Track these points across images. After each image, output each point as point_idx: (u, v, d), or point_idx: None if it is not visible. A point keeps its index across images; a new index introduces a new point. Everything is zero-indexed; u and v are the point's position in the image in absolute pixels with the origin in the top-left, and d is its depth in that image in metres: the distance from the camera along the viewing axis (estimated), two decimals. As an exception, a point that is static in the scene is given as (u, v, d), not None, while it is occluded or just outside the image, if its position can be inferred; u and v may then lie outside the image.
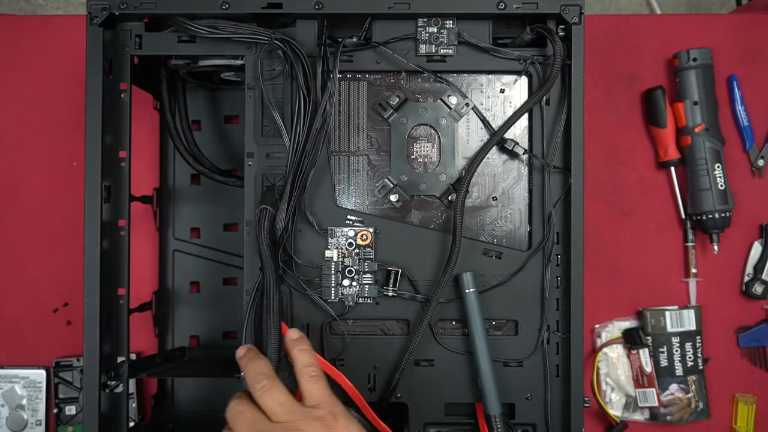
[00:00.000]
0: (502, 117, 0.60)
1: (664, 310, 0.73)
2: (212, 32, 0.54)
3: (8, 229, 0.74)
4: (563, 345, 0.57)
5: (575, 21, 0.55)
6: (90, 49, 0.55)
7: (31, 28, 0.74)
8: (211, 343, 0.70)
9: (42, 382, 0.72)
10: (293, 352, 0.50)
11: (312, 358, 0.49)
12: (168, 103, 0.65)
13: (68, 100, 0.74)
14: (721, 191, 0.71)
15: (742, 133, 0.74)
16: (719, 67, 0.73)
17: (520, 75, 0.59)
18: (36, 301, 0.73)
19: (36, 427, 0.72)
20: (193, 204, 0.71)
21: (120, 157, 0.58)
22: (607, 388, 0.74)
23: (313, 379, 0.48)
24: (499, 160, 0.60)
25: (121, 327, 0.58)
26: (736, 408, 0.74)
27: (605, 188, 0.75)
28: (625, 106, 0.75)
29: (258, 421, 0.45)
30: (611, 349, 0.74)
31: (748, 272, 0.74)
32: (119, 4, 0.55)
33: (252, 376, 0.47)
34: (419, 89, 0.59)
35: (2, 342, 0.73)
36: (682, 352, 0.73)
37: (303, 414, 0.45)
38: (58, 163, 0.74)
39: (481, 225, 0.60)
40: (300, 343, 0.50)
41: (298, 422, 0.45)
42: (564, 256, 0.57)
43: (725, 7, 1.48)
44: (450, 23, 0.57)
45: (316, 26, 0.56)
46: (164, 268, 0.71)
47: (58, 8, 1.52)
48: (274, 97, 0.56)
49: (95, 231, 0.55)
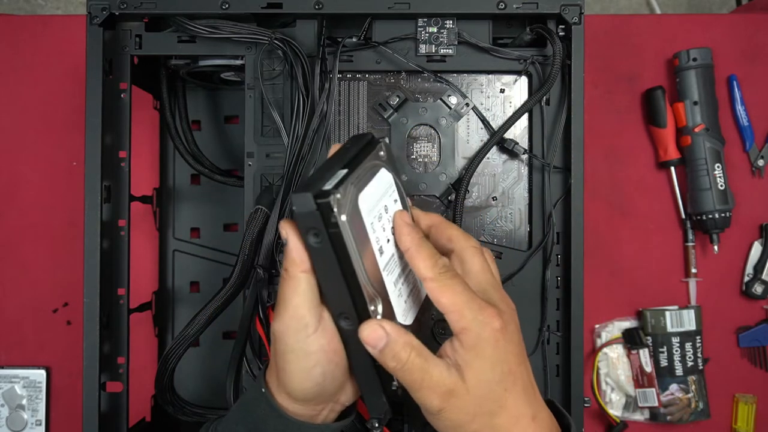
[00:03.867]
0: (502, 117, 0.60)
1: (664, 310, 0.73)
2: (212, 32, 0.54)
3: (8, 229, 0.74)
4: (563, 345, 0.57)
5: (575, 21, 0.55)
6: (90, 49, 0.55)
7: (31, 28, 0.74)
8: (211, 343, 0.70)
9: (42, 382, 0.72)
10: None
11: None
12: (168, 103, 0.65)
13: (68, 100, 0.74)
14: (721, 191, 0.71)
15: (742, 133, 0.74)
16: (719, 67, 0.73)
17: (520, 75, 0.59)
18: (36, 301, 0.73)
19: (36, 427, 0.72)
20: (193, 204, 0.71)
21: (120, 157, 0.58)
22: (607, 388, 0.74)
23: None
24: (499, 160, 0.60)
25: (121, 327, 0.58)
26: (736, 408, 0.74)
27: (605, 188, 0.75)
28: (625, 106, 0.75)
29: None
30: (611, 349, 0.74)
31: (748, 272, 0.74)
32: (119, 4, 0.55)
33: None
34: (419, 89, 0.59)
35: (2, 342, 0.73)
36: (682, 352, 0.73)
37: None
38: (58, 163, 0.74)
39: (481, 225, 0.60)
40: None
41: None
42: (564, 256, 0.57)
43: (725, 7, 1.48)
44: (450, 23, 0.57)
45: (316, 26, 0.56)
46: (164, 268, 0.71)
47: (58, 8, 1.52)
48: (273, 97, 0.56)
49: (95, 231, 0.55)
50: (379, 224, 0.39)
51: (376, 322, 0.37)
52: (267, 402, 0.42)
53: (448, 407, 0.38)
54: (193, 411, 0.59)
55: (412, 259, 0.39)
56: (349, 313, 0.38)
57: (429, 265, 0.39)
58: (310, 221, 0.35)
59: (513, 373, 0.39)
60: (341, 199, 0.35)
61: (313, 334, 0.38)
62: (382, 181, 0.40)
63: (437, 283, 0.38)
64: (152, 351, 0.71)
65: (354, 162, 0.38)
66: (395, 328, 0.38)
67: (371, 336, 0.37)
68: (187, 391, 0.70)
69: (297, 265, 0.38)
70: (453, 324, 0.38)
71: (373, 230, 0.38)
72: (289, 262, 0.38)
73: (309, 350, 0.39)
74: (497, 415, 0.39)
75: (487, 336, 0.38)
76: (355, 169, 0.37)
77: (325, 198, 0.34)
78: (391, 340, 0.37)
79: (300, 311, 0.38)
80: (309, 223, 0.35)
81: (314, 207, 0.34)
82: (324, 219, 0.35)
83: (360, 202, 0.37)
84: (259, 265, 0.54)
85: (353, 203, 0.36)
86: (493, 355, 0.38)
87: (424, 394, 0.38)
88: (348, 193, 0.36)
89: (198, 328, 0.54)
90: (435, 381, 0.38)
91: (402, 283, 0.41)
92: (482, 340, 0.38)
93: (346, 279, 0.37)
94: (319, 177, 0.36)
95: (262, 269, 0.54)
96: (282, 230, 0.38)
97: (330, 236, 0.35)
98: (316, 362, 0.39)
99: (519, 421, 0.39)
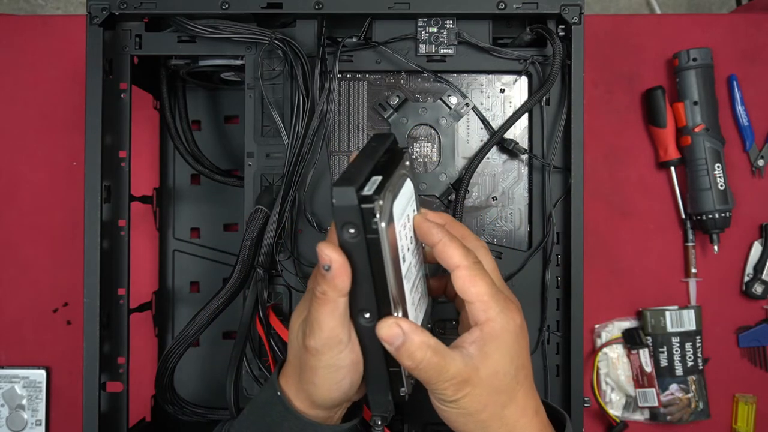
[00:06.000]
0: (502, 117, 0.60)
1: (664, 310, 0.73)
2: (212, 32, 0.54)
3: (8, 229, 0.74)
4: (563, 345, 0.57)
5: (575, 21, 0.55)
6: (90, 49, 0.55)
7: (31, 28, 0.74)
8: (211, 343, 0.70)
9: (42, 382, 0.72)
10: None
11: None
12: (168, 103, 0.65)
13: (68, 100, 0.74)
14: (721, 191, 0.71)
15: (742, 133, 0.74)
16: (719, 67, 0.73)
17: (520, 75, 0.59)
18: (36, 301, 0.73)
19: (36, 427, 0.72)
20: (193, 204, 0.71)
21: (120, 157, 0.58)
22: (607, 388, 0.74)
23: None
24: (499, 160, 0.60)
25: (121, 327, 0.58)
26: (736, 408, 0.74)
27: (605, 188, 0.75)
28: (625, 106, 0.75)
29: None
30: (611, 349, 0.74)
31: (748, 272, 0.74)
32: (119, 4, 0.55)
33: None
34: (419, 89, 0.59)
35: (2, 342, 0.73)
36: (682, 352, 0.73)
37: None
38: (58, 163, 0.74)
39: (481, 225, 0.60)
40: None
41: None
42: (564, 256, 0.57)
43: (725, 7, 1.48)
44: (450, 23, 0.57)
45: (316, 26, 0.56)
46: (164, 268, 0.71)
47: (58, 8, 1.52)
48: (273, 97, 0.56)
49: (95, 231, 0.55)
50: (404, 232, 0.40)
51: (393, 320, 0.38)
52: (283, 405, 0.42)
53: (462, 397, 0.39)
54: (193, 411, 0.59)
55: (444, 249, 0.39)
56: (371, 310, 0.38)
57: (462, 255, 0.39)
58: (350, 216, 0.35)
59: (525, 368, 0.41)
60: (383, 205, 0.35)
61: (344, 350, 0.39)
62: (407, 190, 0.41)
63: (469, 272, 0.39)
64: (152, 351, 0.71)
65: (386, 169, 0.39)
66: (412, 327, 0.38)
67: (388, 333, 0.37)
68: (187, 391, 0.69)
69: (338, 291, 0.37)
70: (477, 314, 0.39)
71: (400, 238, 0.39)
72: (331, 288, 0.37)
73: (341, 365, 0.39)
74: (507, 406, 0.40)
75: (511, 329, 0.39)
76: (390, 177, 0.38)
77: (369, 203, 0.35)
78: (407, 339, 0.37)
79: (336, 331, 0.38)
80: (348, 217, 0.35)
81: (356, 202, 0.35)
82: (365, 221, 0.35)
83: (394, 209, 0.37)
84: (259, 265, 0.54)
85: (389, 211, 0.37)
86: (513, 349, 0.40)
87: (440, 387, 0.39)
88: (387, 200, 0.36)
89: (198, 328, 0.54)
90: (451, 375, 0.38)
91: (414, 292, 0.42)
92: (506, 332, 0.39)
93: (374, 279, 0.37)
94: (355, 174, 0.36)
95: (262, 269, 0.54)
96: (325, 256, 0.36)
97: (367, 240, 0.36)
98: (345, 375, 0.40)
99: (525, 414, 0.41)
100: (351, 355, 0.39)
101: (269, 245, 0.54)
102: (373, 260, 0.37)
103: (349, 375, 0.40)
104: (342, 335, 0.39)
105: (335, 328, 0.38)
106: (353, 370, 0.40)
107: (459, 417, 0.40)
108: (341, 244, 0.37)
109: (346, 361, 0.39)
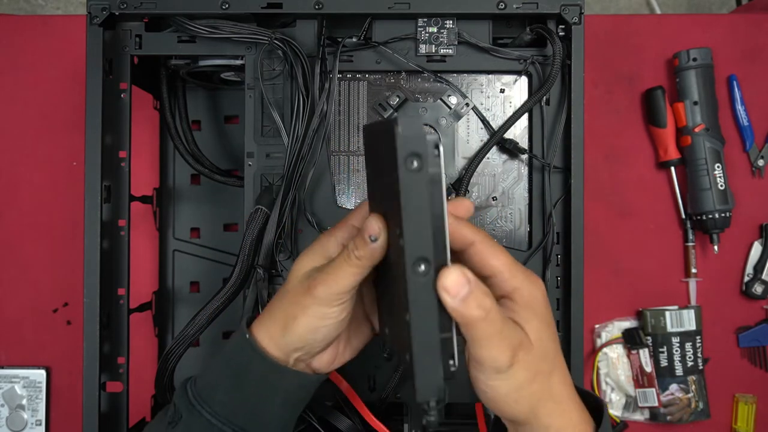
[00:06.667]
0: (502, 117, 0.60)
1: (664, 310, 0.73)
2: (212, 32, 0.54)
3: (8, 229, 0.74)
4: (563, 345, 0.57)
5: (575, 21, 0.55)
6: (90, 49, 0.55)
7: (31, 28, 0.74)
8: (211, 343, 0.70)
9: (42, 382, 0.72)
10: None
11: None
12: (168, 103, 0.65)
13: (68, 100, 0.74)
14: (721, 191, 0.71)
15: (742, 133, 0.74)
16: (719, 67, 0.73)
17: (520, 75, 0.59)
18: (36, 301, 0.73)
19: (36, 427, 0.72)
20: (193, 204, 0.71)
21: (120, 157, 0.58)
22: (607, 388, 0.74)
23: None
24: (499, 160, 0.60)
25: (121, 327, 0.58)
26: (736, 408, 0.74)
27: (605, 188, 0.75)
28: (625, 106, 0.75)
29: None
30: (611, 349, 0.74)
31: (748, 272, 0.74)
32: (119, 4, 0.55)
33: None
34: (419, 89, 0.59)
35: (2, 342, 0.73)
36: (682, 352, 0.73)
37: None
38: (58, 163, 0.74)
39: (481, 225, 0.60)
40: None
41: None
42: (564, 256, 0.57)
43: (725, 7, 1.48)
44: (450, 23, 0.57)
45: (316, 26, 0.56)
46: (164, 268, 0.71)
47: (58, 8, 1.52)
48: (273, 97, 0.56)
49: (95, 231, 0.55)
50: None
51: (459, 268, 0.35)
52: (251, 347, 0.43)
53: (517, 362, 0.37)
54: (193, 411, 0.59)
55: (457, 228, 0.39)
56: (428, 259, 0.35)
57: (474, 230, 0.39)
58: (416, 146, 0.34)
59: (557, 336, 0.41)
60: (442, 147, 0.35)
61: (340, 306, 0.41)
62: None
63: (488, 245, 0.39)
64: (152, 351, 0.71)
65: None
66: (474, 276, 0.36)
67: (456, 281, 0.35)
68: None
69: (373, 260, 0.39)
70: (503, 284, 0.39)
71: None
72: (368, 256, 0.38)
73: (329, 316, 0.41)
74: (552, 374, 0.40)
75: (539, 295, 0.39)
76: None
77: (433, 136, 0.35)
78: (475, 287, 0.36)
79: (346, 290, 0.40)
80: (414, 147, 0.34)
81: (423, 132, 0.34)
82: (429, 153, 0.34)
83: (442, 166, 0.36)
84: (259, 265, 0.54)
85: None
86: (546, 314, 0.40)
87: (500, 348, 0.37)
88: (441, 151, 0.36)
89: (198, 328, 0.54)
90: (509, 333, 0.37)
91: None
92: (535, 298, 0.39)
93: (434, 221, 0.35)
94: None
95: (262, 269, 0.54)
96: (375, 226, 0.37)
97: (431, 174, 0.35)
98: (325, 324, 0.42)
99: (568, 384, 0.40)
100: (342, 313, 0.41)
101: (269, 245, 0.54)
102: (434, 199, 0.35)
103: (329, 327, 0.42)
104: (349, 296, 0.41)
105: (348, 287, 0.40)
106: (333, 326, 0.42)
107: (511, 392, 0.38)
108: (402, 180, 0.34)
109: (334, 315, 0.41)
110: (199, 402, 0.44)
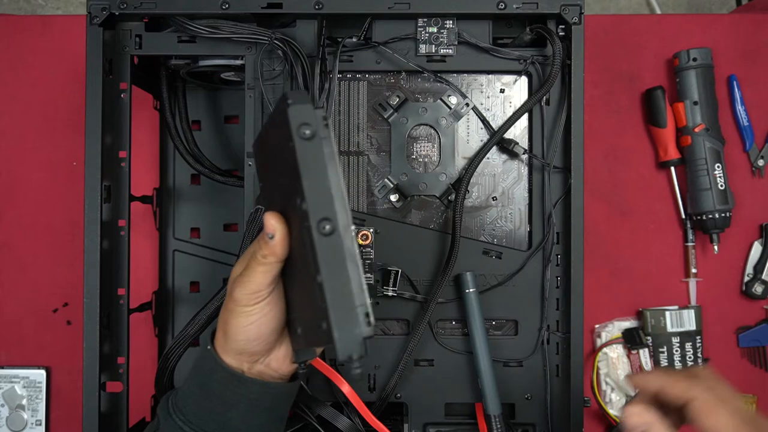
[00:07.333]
0: (502, 117, 0.60)
1: (664, 310, 0.73)
2: (212, 32, 0.54)
3: (8, 229, 0.74)
4: (563, 345, 0.57)
5: (575, 21, 0.55)
6: (90, 49, 0.55)
7: (31, 28, 0.74)
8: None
9: (42, 382, 0.72)
10: None
11: None
12: (168, 103, 0.65)
13: (68, 100, 0.74)
14: (721, 191, 0.71)
15: (742, 133, 0.74)
16: (719, 67, 0.73)
17: (520, 75, 0.59)
18: (36, 301, 0.73)
19: (36, 427, 0.72)
20: (193, 204, 0.71)
21: (120, 157, 0.58)
22: (607, 388, 0.74)
23: None
24: (499, 160, 0.60)
25: (121, 327, 0.58)
26: (736, 408, 0.74)
27: (605, 188, 0.75)
28: (625, 106, 0.75)
29: None
30: (611, 349, 0.74)
31: (748, 272, 0.74)
32: (119, 4, 0.55)
33: None
34: (419, 89, 0.59)
35: (2, 342, 0.73)
36: (682, 352, 0.73)
37: None
38: (57, 163, 0.74)
39: (481, 225, 0.60)
40: None
41: None
42: (564, 256, 0.57)
43: (725, 7, 1.48)
44: (450, 23, 0.57)
45: (316, 26, 0.56)
46: (164, 268, 0.71)
47: (58, 8, 1.52)
48: (273, 97, 0.56)
49: (95, 231, 0.55)
50: None
51: (639, 408, 0.43)
52: (213, 358, 0.46)
53: None
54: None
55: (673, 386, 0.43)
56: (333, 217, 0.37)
57: (688, 386, 0.43)
58: (307, 117, 0.38)
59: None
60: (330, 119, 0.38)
61: (260, 303, 0.44)
62: None
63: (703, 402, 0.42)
64: (152, 351, 0.71)
65: None
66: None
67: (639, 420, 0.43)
68: (187, 391, 0.69)
69: (277, 256, 0.42)
70: None
71: None
72: (271, 253, 0.42)
73: (253, 312, 0.44)
74: None
75: None
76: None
77: (320, 109, 0.39)
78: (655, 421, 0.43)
79: (261, 288, 0.43)
80: (305, 117, 0.38)
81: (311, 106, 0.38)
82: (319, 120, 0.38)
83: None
84: (259, 265, 0.54)
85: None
86: None
87: None
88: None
89: (198, 327, 0.54)
90: None
91: None
92: None
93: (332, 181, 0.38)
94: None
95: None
96: (270, 223, 0.41)
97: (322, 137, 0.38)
98: (254, 321, 0.44)
99: None
100: (265, 308, 0.44)
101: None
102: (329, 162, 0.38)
103: (257, 323, 0.44)
104: (264, 292, 0.43)
105: (262, 285, 0.43)
106: (261, 322, 0.44)
107: None
108: (297, 148, 0.38)
109: (257, 311, 0.44)
110: (175, 411, 0.47)
